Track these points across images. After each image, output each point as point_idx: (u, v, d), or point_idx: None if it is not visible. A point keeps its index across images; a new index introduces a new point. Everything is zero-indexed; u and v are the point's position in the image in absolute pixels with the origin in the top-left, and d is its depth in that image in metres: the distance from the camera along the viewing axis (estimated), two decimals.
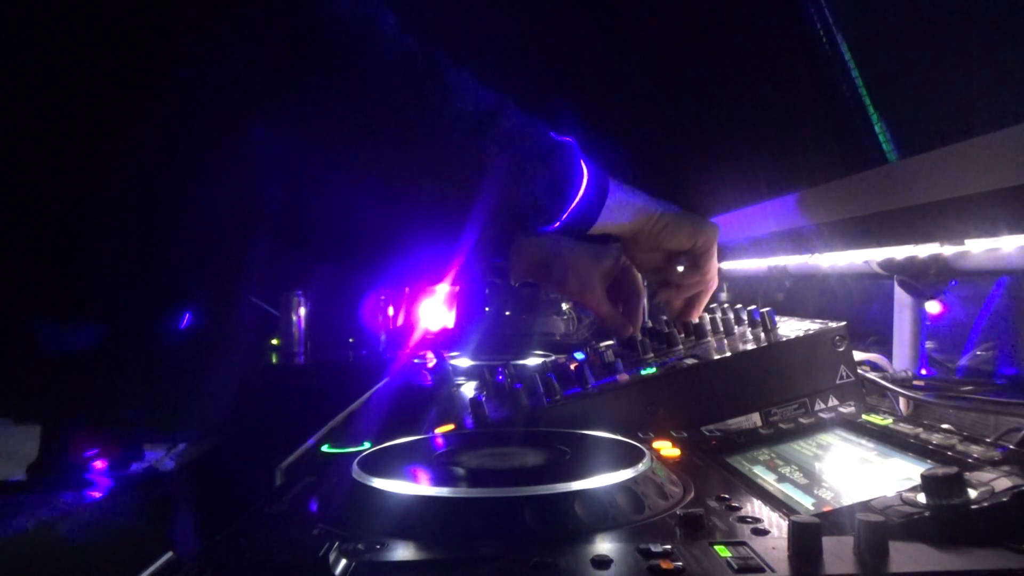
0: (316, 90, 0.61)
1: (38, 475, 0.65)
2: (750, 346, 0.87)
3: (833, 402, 0.84)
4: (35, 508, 0.63)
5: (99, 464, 0.69)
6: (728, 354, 0.86)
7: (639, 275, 1.04)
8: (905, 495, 0.49)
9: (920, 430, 0.65)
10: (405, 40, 0.63)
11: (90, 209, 0.64)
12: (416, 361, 1.61)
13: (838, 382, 0.85)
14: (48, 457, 0.65)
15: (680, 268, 0.93)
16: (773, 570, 0.40)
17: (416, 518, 0.51)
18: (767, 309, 0.94)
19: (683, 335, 0.98)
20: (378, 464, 0.61)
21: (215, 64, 0.59)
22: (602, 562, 0.42)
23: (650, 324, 1.06)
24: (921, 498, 0.48)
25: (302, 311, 2.43)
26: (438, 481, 0.57)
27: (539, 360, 1.35)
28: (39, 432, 0.65)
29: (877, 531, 0.41)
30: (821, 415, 0.78)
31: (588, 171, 0.80)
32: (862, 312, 1.28)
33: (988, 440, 0.60)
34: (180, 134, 0.68)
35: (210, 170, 0.72)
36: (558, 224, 0.84)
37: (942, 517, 0.46)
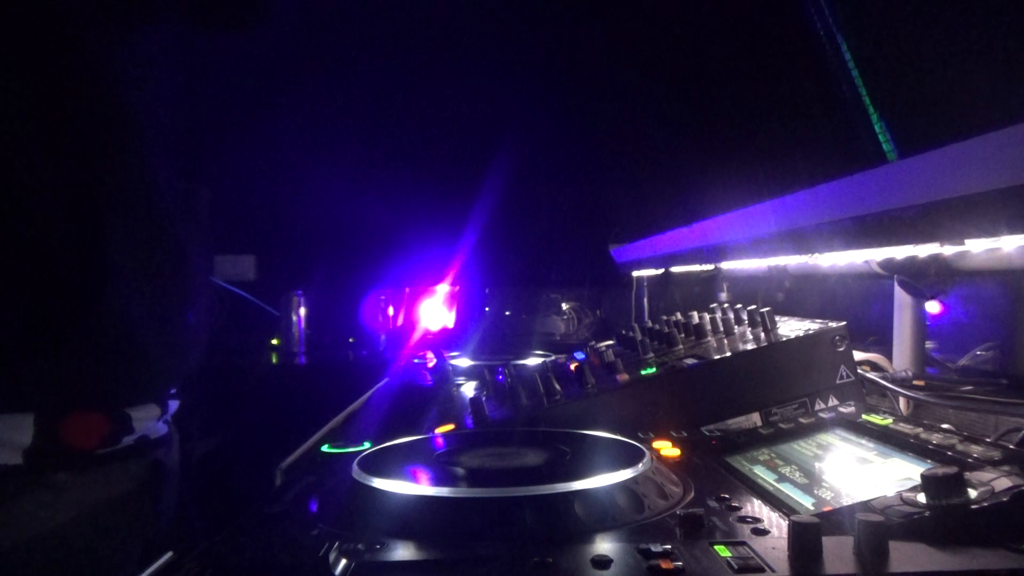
0: None
1: (34, 460, 0.66)
2: (750, 346, 0.87)
3: (833, 402, 0.84)
4: (33, 490, 0.66)
5: (91, 443, 0.70)
6: (728, 354, 0.86)
7: None
8: (905, 495, 0.49)
9: (920, 430, 0.65)
10: None
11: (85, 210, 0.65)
12: (416, 361, 1.61)
13: (838, 382, 0.85)
14: (43, 442, 0.66)
15: None
16: (773, 570, 0.40)
17: (416, 518, 0.51)
18: (767, 309, 0.94)
19: (683, 335, 0.98)
20: (378, 464, 0.61)
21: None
22: (602, 562, 0.42)
23: (650, 324, 1.06)
24: (921, 498, 0.48)
25: (302, 311, 2.43)
26: (438, 481, 0.57)
27: (539, 360, 1.35)
28: (32, 421, 0.66)
29: (877, 531, 0.41)
30: (821, 415, 0.78)
31: None
32: (862, 312, 1.28)
33: (988, 440, 0.60)
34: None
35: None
36: None
37: (942, 517, 0.46)
